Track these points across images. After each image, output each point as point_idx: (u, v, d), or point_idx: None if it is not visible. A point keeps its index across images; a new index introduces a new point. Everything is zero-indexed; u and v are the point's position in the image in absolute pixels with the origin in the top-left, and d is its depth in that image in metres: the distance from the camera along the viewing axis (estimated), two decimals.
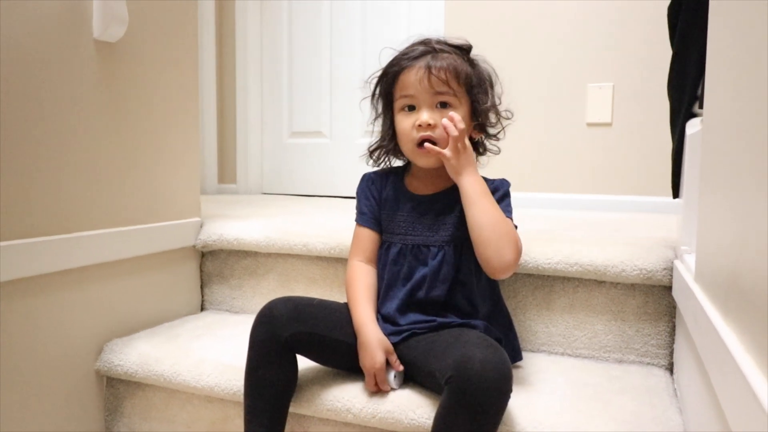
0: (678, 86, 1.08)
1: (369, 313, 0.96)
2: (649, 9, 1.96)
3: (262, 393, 0.92)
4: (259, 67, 2.66)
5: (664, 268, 1.05)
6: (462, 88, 0.97)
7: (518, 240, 0.94)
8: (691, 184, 0.97)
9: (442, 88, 0.95)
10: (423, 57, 0.97)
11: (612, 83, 2.06)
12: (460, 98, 0.97)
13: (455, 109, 0.96)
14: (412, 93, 0.97)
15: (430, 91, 0.95)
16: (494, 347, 0.80)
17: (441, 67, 0.95)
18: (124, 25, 1.15)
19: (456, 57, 0.98)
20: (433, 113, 0.96)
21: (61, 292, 1.09)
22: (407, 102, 0.98)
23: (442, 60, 0.96)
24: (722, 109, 0.68)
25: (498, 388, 0.75)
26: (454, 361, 0.77)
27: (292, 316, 0.92)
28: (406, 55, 0.99)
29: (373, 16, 2.42)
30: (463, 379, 0.75)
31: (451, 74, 0.95)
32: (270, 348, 0.92)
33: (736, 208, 0.57)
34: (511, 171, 1.04)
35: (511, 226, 0.95)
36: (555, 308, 1.14)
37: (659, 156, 1.95)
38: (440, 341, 0.88)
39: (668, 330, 1.08)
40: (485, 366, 0.75)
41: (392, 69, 1.00)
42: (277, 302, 0.94)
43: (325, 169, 2.55)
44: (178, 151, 1.36)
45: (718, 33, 0.74)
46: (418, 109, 0.97)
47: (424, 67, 0.95)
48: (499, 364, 0.76)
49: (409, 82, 0.97)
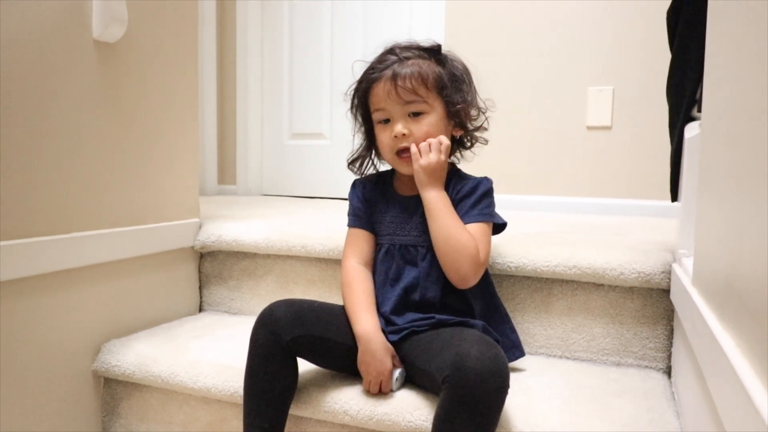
0: (677, 90, 1.08)
1: (373, 321, 0.95)
2: (650, 13, 1.96)
3: (263, 396, 0.92)
4: (260, 68, 2.66)
5: (662, 271, 1.05)
6: (432, 91, 0.97)
7: (476, 254, 0.93)
8: (689, 188, 0.97)
9: (411, 98, 0.96)
10: (388, 68, 0.97)
11: (612, 87, 2.06)
12: (432, 102, 0.97)
13: (428, 116, 0.97)
14: (383, 106, 0.98)
15: (399, 102, 0.96)
16: (490, 344, 0.81)
17: (406, 76, 0.95)
18: (123, 26, 1.15)
19: (422, 61, 0.98)
20: (407, 123, 0.97)
21: (60, 293, 1.09)
22: (381, 116, 1.00)
23: (407, 68, 0.96)
24: (720, 114, 0.68)
25: (495, 383, 0.75)
26: (450, 359, 0.77)
27: (294, 319, 0.92)
28: (373, 68, 0.99)
29: (374, 16, 2.42)
30: (459, 377, 0.75)
31: (417, 81, 0.96)
32: (271, 351, 0.91)
33: (732, 212, 0.57)
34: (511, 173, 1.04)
35: (469, 239, 0.93)
36: (553, 311, 1.14)
37: (659, 159, 1.95)
38: (438, 340, 0.88)
39: (666, 333, 1.08)
40: (481, 362, 0.75)
41: (362, 84, 1.01)
42: (279, 305, 0.94)
43: (325, 171, 2.55)
44: (177, 151, 1.36)
45: (716, 37, 0.74)
46: (392, 121, 0.98)
47: (390, 79, 0.96)
48: (494, 359, 0.77)
49: (379, 96, 0.98)
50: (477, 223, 0.97)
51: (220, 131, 2.69)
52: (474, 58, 1.09)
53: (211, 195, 2.63)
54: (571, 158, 2.13)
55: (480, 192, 0.99)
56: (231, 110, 2.68)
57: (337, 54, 2.51)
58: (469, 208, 0.98)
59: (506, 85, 2.15)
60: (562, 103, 2.13)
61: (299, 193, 2.63)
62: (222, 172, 2.72)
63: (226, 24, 2.66)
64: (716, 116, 0.71)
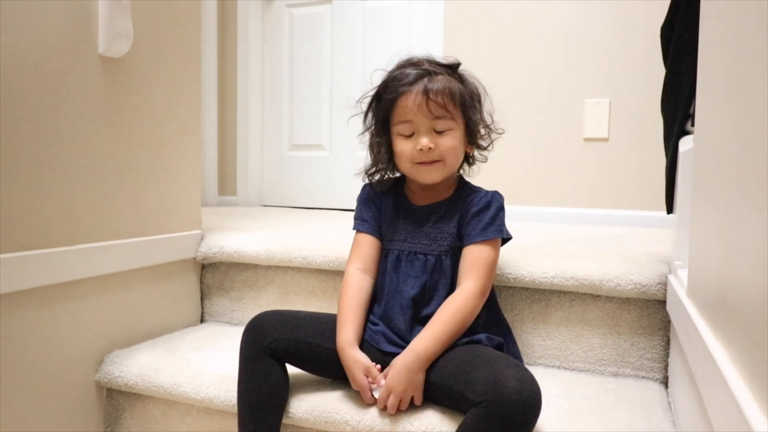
0: (671, 104, 1.10)
1: (351, 335, 0.96)
2: (646, 27, 1.99)
3: (250, 400, 0.95)
4: (260, 80, 2.69)
5: (658, 282, 1.07)
6: (458, 109, 0.98)
7: (470, 309, 0.94)
8: (683, 201, 0.99)
9: (441, 113, 0.96)
10: (419, 81, 0.97)
11: (609, 99, 2.09)
12: (457, 119, 0.99)
13: (453, 132, 0.98)
14: (410, 119, 0.98)
15: (428, 116, 0.97)
16: (519, 365, 0.83)
17: (438, 91, 0.96)
18: (129, 41, 1.17)
19: (449, 77, 0.99)
20: (432, 137, 0.97)
21: (62, 304, 1.10)
22: (407, 128, 0.99)
23: (438, 83, 0.97)
24: (712, 128, 0.70)
25: (533, 409, 0.77)
26: (487, 382, 0.79)
27: (275, 323, 0.97)
28: (401, 80, 0.98)
29: (374, 30, 2.45)
30: (500, 401, 0.76)
31: (448, 97, 0.96)
32: (254, 355, 0.95)
33: (725, 225, 0.59)
34: (509, 185, 1.06)
35: (459, 317, 0.93)
36: (551, 322, 1.16)
37: (655, 171, 1.97)
38: (455, 359, 0.89)
39: (663, 344, 1.09)
40: (522, 387, 0.77)
41: (389, 95, 0.99)
42: (266, 313, 1.01)
43: (324, 182, 2.57)
44: (179, 164, 1.38)
45: (708, 52, 0.76)
46: (417, 134, 0.98)
47: (422, 93, 0.96)
48: (533, 384, 0.79)
49: (408, 108, 0.97)
50: (487, 243, 0.98)
51: (220, 142, 2.71)
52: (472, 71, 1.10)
53: (211, 206, 2.64)
54: (569, 170, 2.15)
55: (495, 208, 1.00)
56: (231, 121, 2.70)
57: (337, 66, 2.53)
58: (486, 224, 0.99)
59: (504, 97, 2.17)
60: (559, 115, 2.15)
61: (299, 204, 2.65)
62: (222, 183, 2.74)
63: (226, 36, 2.69)
64: (709, 130, 0.73)
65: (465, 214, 1.01)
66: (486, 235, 0.98)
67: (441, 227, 1.02)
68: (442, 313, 0.94)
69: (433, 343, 0.91)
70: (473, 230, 0.99)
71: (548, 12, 2.14)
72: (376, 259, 1.07)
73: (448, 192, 1.05)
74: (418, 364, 0.90)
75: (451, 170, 1.03)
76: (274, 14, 2.65)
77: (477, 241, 0.98)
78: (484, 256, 0.98)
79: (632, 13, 2.03)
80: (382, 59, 1.07)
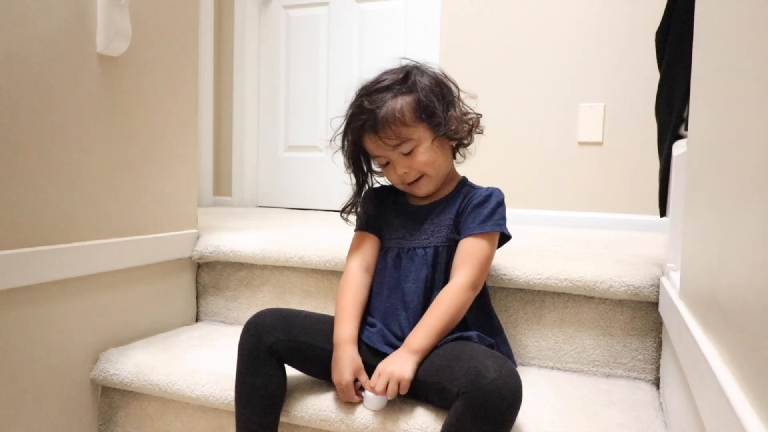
0: (665, 109, 1.11)
1: (350, 332, 0.97)
2: (640, 31, 2.01)
3: (250, 400, 0.95)
4: (256, 81, 2.69)
5: (651, 284, 1.08)
6: (413, 123, 0.99)
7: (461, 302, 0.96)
8: (676, 204, 1.00)
9: (395, 142, 0.99)
10: (367, 123, 1.00)
11: (603, 103, 2.10)
12: (418, 133, 0.99)
13: (418, 148, 1.00)
14: (378, 154, 1.03)
15: (389, 149, 1.00)
16: (503, 358, 0.84)
17: (383, 124, 0.98)
18: (127, 40, 1.17)
19: (393, 100, 0.99)
20: (404, 160, 1.01)
21: (58, 302, 1.10)
22: (382, 161, 1.04)
23: (382, 116, 0.98)
24: (705, 132, 0.71)
25: (513, 398, 0.78)
26: (467, 374, 0.79)
27: (277, 324, 0.96)
28: (353, 124, 1.02)
29: (370, 32, 2.46)
30: (478, 392, 0.77)
31: (396, 124, 0.98)
32: (255, 355, 0.95)
33: (716, 228, 0.60)
34: (503, 187, 1.06)
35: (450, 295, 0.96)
36: (545, 323, 1.16)
37: (648, 174, 1.99)
38: (442, 355, 0.90)
39: (655, 345, 1.11)
40: (500, 377, 0.78)
41: (352, 141, 1.05)
42: (265, 311, 0.99)
43: (320, 183, 2.58)
44: (176, 163, 1.38)
45: (702, 57, 0.77)
46: (392, 163, 1.03)
47: (372, 132, 1.00)
48: (512, 375, 0.79)
49: (372, 148, 1.03)
50: (484, 236, 0.99)
51: (216, 143, 2.72)
52: (467, 75, 1.12)
53: (206, 206, 2.64)
54: (563, 173, 2.16)
55: (494, 202, 1.02)
56: (227, 122, 2.70)
57: (333, 67, 2.54)
58: (486, 217, 1.00)
59: (499, 100, 2.19)
60: (554, 119, 2.17)
61: (294, 205, 2.65)
62: (218, 183, 2.74)
63: (223, 37, 2.69)
64: (702, 135, 0.74)
65: (465, 208, 1.03)
66: (483, 228, 0.99)
67: (439, 221, 1.03)
68: (432, 307, 0.96)
69: (423, 335, 0.92)
70: (471, 223, 1.00)
71: (543, 17, 2.16)
72: (376, 258, 1.08)
73: (448, 190, 1.08)
74: (409, 355, 0.91)
75: (439, 176, 1.05)
76: (271, 15, 2.65)
77: (473, 234, 0.99)
78: (479, 249, 0.99)
79: (627, 18, 2.05)
80: (379, 61, 1.08)
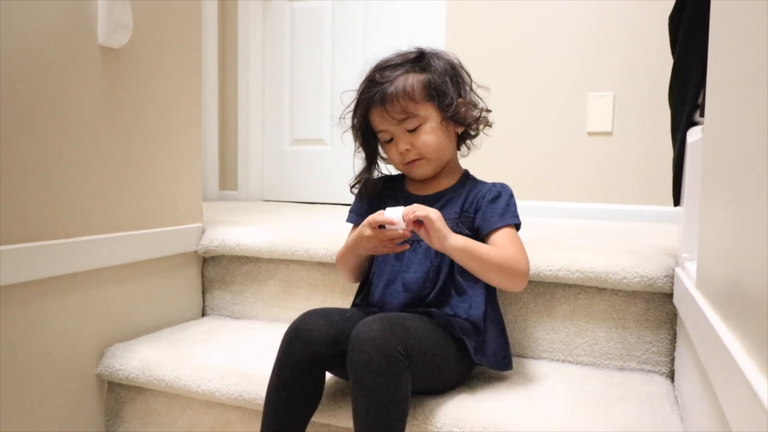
0: (679, 94, 1.09)
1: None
2: (650, 19, 1.98)
3: (292, 410, 0.89)
4: (261, 74, 2.67)
5: (665, 275, 1.06)
6: (422, 102, 1.00)
7: (519, 259, 0.96)
8: (692, 193, 0.97)
9: (401, 116, 1.00)
10: (376, 95, 1.01)
11: (613, 92, 2.07)
12: (424, 112, 1.01)
13: (423, 126, 1.01)
14: (383, 128, 1.03)
15: (393, 122, 1.00)
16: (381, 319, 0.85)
17: (393, 96, 0.99)
18: (128, 32, 1.16)
19: (405, 76, 1.01)
20: (407, 137, 1.02)
21: (63, 297, 1.09)
22: (385, 136, 1.05)
23: (392, 87, 0.99)
24: (723, 118, 0.69)
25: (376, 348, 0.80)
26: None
27: (331, 336, 0.89)
28: (364, 95, 1.03)
29: (375, 23, 2.43)
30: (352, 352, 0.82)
31: (404, 99, 0.99)
32: (307, 366, 0.88)
33: (737, 216, 0.58)
34: (511, 179, 1.05)
35: (509, 254, 0.96)
36: (556, 315, 1.14)
37: (659, 165, 1.96)
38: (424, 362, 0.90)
39: (669, 337, 1.08)
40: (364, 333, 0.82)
41: (359, 111, 1.05)
42: (312, 318, 0.91)
43: (325, 177, 2.56)
44: (180, 157, 1.37)
45: (719, 41, 0.75)
46: (395, 139, 1.03)
47: (379, 103, 1.00)
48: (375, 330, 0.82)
49: (376, 121, 1.04)
50: (509, 227, 1.01)
51: (221, 137, 2.70)
52: (475, 64, 1.10)
53: (212, 200, 2.63)
54: (573, 164, 2.13)
55: (507, 196, 1.04)
56: (232, 116, 2.69)
57: (338, 60, 2.52)
58: (503, 211, 1.02)
59: (507, 91, 2.16)
60: (562, 109, 2.14)
61: (300, 198, 2.64)
62: (223, 177, 2.73)
63: (227, 30, 2.67)
64: (719, 120, 0.71)
65: (475, 203, 1.03)
66: (505, 221, 1.01)
67: (444, 214, 1.01)
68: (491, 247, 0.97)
69: (468, 241, 0.94)
70: (492, 216, 1.01)
71: (551, 6, 2.13)
72: None
73: (451, 182, 1.07)
74: (447, 229, 0.93)
75: (440, 161, 1.05)
76: (276, 8, 2.63)
77: (499, 227, 1.00)
78: (515, 236, 1.00)
79: (635, 5, 2.01)
80: (384, 51, 1.08)
